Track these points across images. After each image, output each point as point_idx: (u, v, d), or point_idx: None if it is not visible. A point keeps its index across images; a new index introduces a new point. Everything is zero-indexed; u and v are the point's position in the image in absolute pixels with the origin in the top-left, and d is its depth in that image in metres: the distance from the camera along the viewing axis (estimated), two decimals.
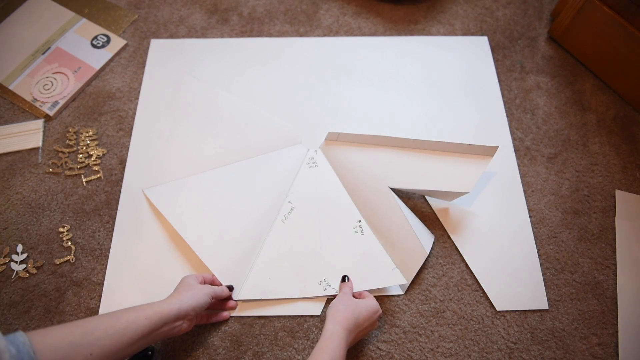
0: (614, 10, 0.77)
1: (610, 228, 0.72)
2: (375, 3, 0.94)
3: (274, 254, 0.68)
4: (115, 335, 0.49)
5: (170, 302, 0.55)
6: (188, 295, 0.57)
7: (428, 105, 0.82)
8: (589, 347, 0.63)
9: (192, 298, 0.57)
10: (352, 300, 0.60)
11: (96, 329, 0.48)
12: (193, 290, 0.58)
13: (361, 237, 0.69)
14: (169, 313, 0.54)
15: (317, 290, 0.66)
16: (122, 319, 0.51)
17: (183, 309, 0.55)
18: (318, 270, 0.67)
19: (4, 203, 0.73)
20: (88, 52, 0.86)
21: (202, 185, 0.73)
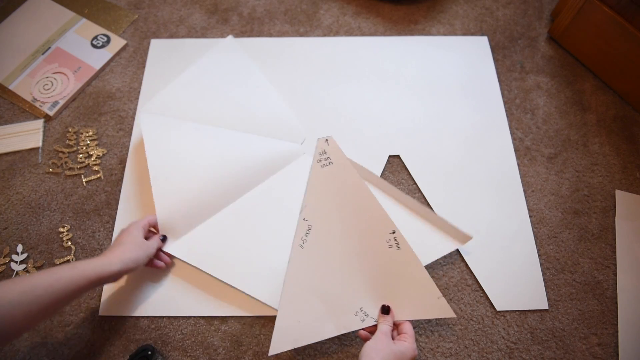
0: (614, 10, 0.77)
1: (610, 228, 0.72)
2: (375, 3, 0.94)
3: (298, 289, 0.58)
4: (55, 294, 0.50)
5: (113, 262, 0.55)
6: (132, 258, 0.57)
7: (428, 105, 0.82)
8: (589, 347, 0.63)
9: (135, 261, 0.58)
10: (391, 349, 0.53)
11: (36, 288, 0.49)
12: (139, 252, 0.59)
13: (397, 252, 0.59)
14: (110, 274, 0.55)
15: (355, 323, 0.58)
16: (63, 279, 0.51)
17: (123, 271, 0.56)
18: (352, 300, 0.58)
19: (4, 203, 0.73)
20: (88, 52, 0.86)
21: (198, 137, 0.71)
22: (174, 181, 0.68)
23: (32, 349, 0.62)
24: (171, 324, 0.64)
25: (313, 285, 0.58)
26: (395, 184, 0.75)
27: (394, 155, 0.77)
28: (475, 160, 0.77)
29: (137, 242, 0.60)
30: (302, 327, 0.57)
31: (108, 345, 0.63)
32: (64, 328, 0.64)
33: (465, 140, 0.79)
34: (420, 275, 0.59)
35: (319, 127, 0.80)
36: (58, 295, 0.50)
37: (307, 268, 0.58)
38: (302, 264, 0.58)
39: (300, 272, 0.58)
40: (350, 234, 0.59)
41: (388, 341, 0.55)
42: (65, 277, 0.51)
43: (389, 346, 0.54)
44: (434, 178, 0.75)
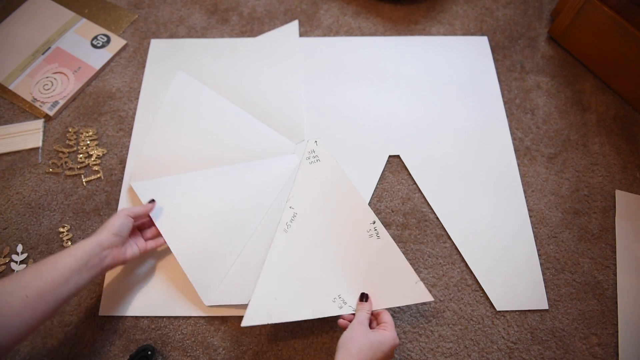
0: (614, 10, 0.77)
1: (610, 228, 0.72)
2: (375, 3, 0.94)
3: (278, 269, 0.61)
4: (45, 275, 0.51)
5: (90, 238, 0.57)
6: (105, 225, 0.59)
7: (428, 105, 0.82)
8: (589, 347, 0.63)
9: (109, 224, 0.59)
10: (367, 338, 0.53)
11: (24, 275, 0.51)
12: (109, 220, 0.60)
13: (377, 241, 0.61)
14: (90, 245, 0.56)
15: (332, 309, 0.59)
16: (48, 261, 0.53)
17: (102, 238, 0.57)
18: (331, 286, 0.60)
19: (4, 203, 0.73)
20: (88, 52, 0.86)
21: (192, 186, 0.70)
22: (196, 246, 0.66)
23: (32, 348, 0.62)
24: (171, 324, 0.64)
25: (293, 267, 0.61)
26: (395, 184, 0.75)
27: (394, 155, 0.77)
28: (475, 160, 0.77)
29: (112, 216, 0.61)
30: (278, 305, 0.59)
31: (108, 345, 0.63)
32: (64, 328, 0.64)
33: (465, 140, 0.79)
34: (398, 262, 0.60)
35: (319, 127, 0.80)
36: (50, 275, 0.51)
37: (289, 251, 0.62)
38: (284, 247, 0.62)
39: (281, 255, 0.61)
40: (332, 223, 0.63)
41: (365, 330, 0.54)
42: (49, 260, 0.53)
43: (365, 335, 0.53)
44: (434, 178, 0.75)
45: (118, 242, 0.59)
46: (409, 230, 0.71)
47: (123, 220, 0.60)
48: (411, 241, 0.70)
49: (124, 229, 0.60)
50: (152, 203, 0.66)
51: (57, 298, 0.51)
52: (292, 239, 0.63)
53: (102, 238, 0.57)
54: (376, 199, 0.74)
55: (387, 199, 0.74)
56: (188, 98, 0.81)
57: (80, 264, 0.54)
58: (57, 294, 0.51)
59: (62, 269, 0.53)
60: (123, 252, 0.60)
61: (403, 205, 0.73)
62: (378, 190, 0.75)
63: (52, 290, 0.51)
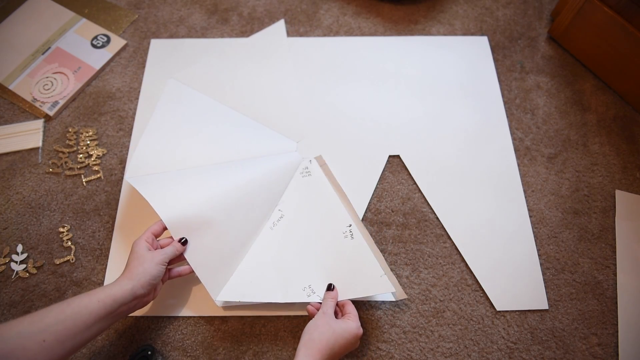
0: (614, 10, 0.77)
1: (610, 228, 0.72)
2: (375, 3, 0.94)
3: (259, 258, 0.66)
4: (68, 321, 0.48)
5: (122, 282, 0.54)
6: (139, 271, 0.55)
7: (428, 105, 0.82)
8: (589, 347, 0.63)
9: (144, 273, 0.55)
10: (330, 325, 0.56)
11: (45, 317, 0.48)
12: (144, 264, 0.56)
13: (350, 242, 0.67)
14: (123, 295, 0.53)
15: (301, 296, 0.63)
16: (73, 304, 0.50)
17: (137, 288, 0.54)
18: (303, 276, 0.65)
19: (4, 203, 0.73)
20: (88, 52, 0.86)
21: (195, 181, 0.69)
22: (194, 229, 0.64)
23: None
24: (171, 324, 0.64)
25: (272, 258, 0.67)
26: (395, 184, 0.75)
27: (394, 155, 0.77)
28: (475, 160, 0.77)
29: (141, 255, 0.57)
30: (252, 286, 0.64)
31: (108, 345, 0.63)
32: None
33: (465, 140, 0.79)
34: (366, 258, 0.65)
35: (319, 127, 0.80)
36: (73, 321, 0.49)
37: (271, 245, 0.68)
38: (269, 242, 0.68)
39: (265, 247, 0.67)
40: (313, 226, 0.69)
41: (328, 319, 0.57)
42: (75, 302, 0.50)
43: (328, 324, 0.56)
44: (434, 178, 0.75)
45: (152, 290, 0.57)
46: (409, 230, 0.71)
47: (161, 268, 0.57)
48: (411, 241, 0.70)
49: (160, 276, 0.57)
50: (185, 244, 0.62)
51: (75, 344, 0.49)
52: (276, 236, 0.68)
53: (137, 287, 0.54)
54: (376, 199, 0.74)
55: (387, 199, 0.74)
56: (182, 103, 0.80)
57: (107, 312, 0.51)
58: (77, 339, 0.49)
59: (88, 315, 0.50)
60: (153, 295, 0.58)
61: (403, 205, 0.73)
62: (378, 190, 0.75)
63: (72, 337, 0.49)
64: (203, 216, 0.64)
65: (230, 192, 0.67)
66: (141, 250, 0.58)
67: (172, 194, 0.65)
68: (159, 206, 0.62)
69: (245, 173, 0.70)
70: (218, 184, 0.68)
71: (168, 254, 0.59)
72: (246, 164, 0.72)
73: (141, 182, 0.67)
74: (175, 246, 0.60)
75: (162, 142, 0.75)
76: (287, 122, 0.80)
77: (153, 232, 0.61)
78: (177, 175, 0.70)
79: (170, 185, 0.67)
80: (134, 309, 0.56)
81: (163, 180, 0.69)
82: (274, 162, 0.73)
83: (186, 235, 0.62)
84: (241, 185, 0.68)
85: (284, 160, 0.74)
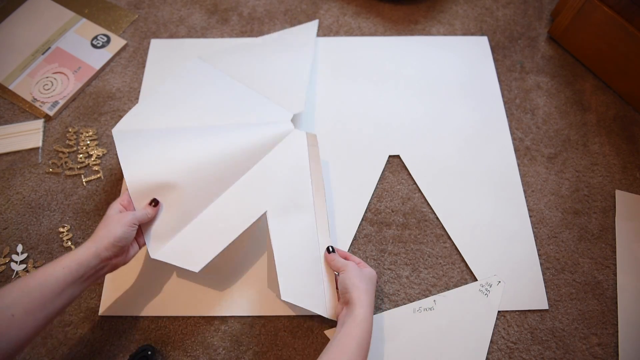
0: (614, 10, 0.77)
1: (610, 228, 0.72)
2: (375, 3, 0.94)
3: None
4: (34, 292, 0.48)
5: (86, 245, 0.53)
6: (103, 233, 0.54)
7: (428, 105, 0.82)
8: (589, 347, 0.63)
9: (108, 235, 0.54)
10: (366, 277, 0.57)
11: (11, 292, 0.47)
12: (109, 226, 0.55)
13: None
14: (87, 258, 0.51)
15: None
16: (38, 275, 0.49)
17: (100, 249, 0.53)
18: None
19: (4, 203, 0.73)
20: (88, 52, 0.86)
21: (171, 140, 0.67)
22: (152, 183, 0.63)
23: (32, 348, 0.62)
24: (171, 324, 0.64)
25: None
26: (395, 184, 0.75)
27: (394, 155, 0.77)
28: (475, 160, 0.77)
29: (108, 216, 0.56)
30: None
31: (108, 345, 0.63)
32: (64, 328, 0.64)
33: (465, 140, 0.79)
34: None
35: (319, 127, 0.80)
36: (40, 292, 0.48)
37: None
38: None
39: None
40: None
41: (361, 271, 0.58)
42: (40, 273, 0.50)
43: (365, 276, 0.58)
44: (434, 178, 0.75)
45: (118, 252, 0.55)
46: (409, 230, 0.71)
47: (126, 229, 0.55)
48: (411, 241, 0.70)
49: (127, 238, 0.56)
50: (157, 206, 0.61)
51: (48, 313, 0.48)
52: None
53: (101, 249, 0.53)
54: (376, 199, 0.74)
55: (387, 199, 0.74)
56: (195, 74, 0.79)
57: (74, 277, 0.50)
58: (48, 309, 0.48)
59: (54, 283, 0.49)
60: (123, 258, 0.57)
61: (403, 205, 0.73)
62: (378, 190, 0.75)
63: (42, 307, 0.48)
64: (170, 181, 0.62)
65: (208, 157, 0.65)
66: (110, 212, 0.57)
67: (147, 154, 0.64)
68: (128, 166, 0.62)
69: (229, 139, 0.67)
70: (198, 147, 0.66)
71: (137, 216, 0.58)
72: (234, 129, 0.70)
73: (122, 138, 0.66)
74: (146, 209, 0.60)
75: (160, 103, 0.73)
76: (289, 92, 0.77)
77: (127, 198, 0.60)
78: (159, 135, 0.68)
79: (147, 145, 0.65)
80: (105, 272, 0.55)
81: (143, 139, 0.67)
82: (262, 131, 0.69)
83: (147, 198, 0.61)
84: (221, 151, 0.66)
85: (272, 131, 0.70)
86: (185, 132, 0.69)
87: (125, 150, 0.64)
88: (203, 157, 0.65)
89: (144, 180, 0.62)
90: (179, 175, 0.63)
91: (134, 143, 0.66)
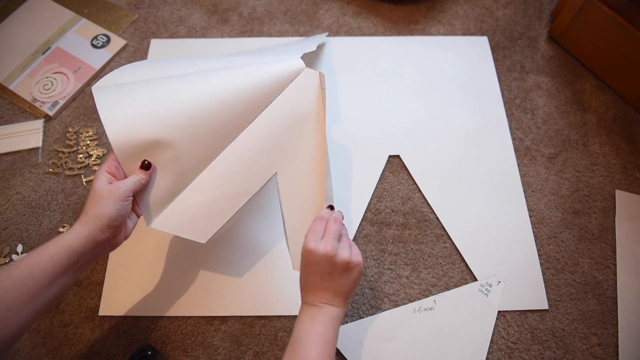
0: (614, 10, 0.77)
1: (610, 228, 0.72)
2: (375, 3, 0.94)
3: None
4: (17, 287, 0.42)
5: (77, 229, 0.46)
6: (95, 213, 0.46)
7: (428, 105, 0.82)
8: (589, 347, 0.63)
9: (101, 215, 0.46)
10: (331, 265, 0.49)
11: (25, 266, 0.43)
12: (100, 204, 0.47)
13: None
14: (81, 243, 0.45)
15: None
16: (21, 266, 0.43)
17: (95, 233, 0.46)
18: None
19: (4, 203, 0.73)
20: (88, 52, 0.86)
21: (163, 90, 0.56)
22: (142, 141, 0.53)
23: (32, 348, 0.62)
24: (171, 324, 0.64)
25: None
26: (395, 184, 0.75)
27: (394, 155, 0.77)
28: (475, 160, 0.77)
29: (97, 192, 0.48)
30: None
31: (108, 345, 0.63)
32: (64, 328, 0.64)
33: (465, 140, 0.79)
34: None
35: None
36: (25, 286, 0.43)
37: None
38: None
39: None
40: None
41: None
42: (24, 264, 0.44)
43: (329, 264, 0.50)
44: (434, 178, 0.75)
45: (116, 231, 0.49)
46: (409, 230, 0.71)
47: (120, 205, 0.48)
48: (411, 241, 0.70)
49: (123, 215, 0.48)
50: (150, 168, 0.52)
51: (38, 307, 0.43)
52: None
53: (95, 232, 0.46)
54: (376, 199, 0.74)
55: (387, 199, 0.74)
56: None
57: (66, 266, 0.45)
58: (36, 303, 0.43)
59: (41, 276, 0.43)
60: (123, 234, 0.50)
61: (403, 205, 0.73)
62: (378, 190, 0.75)
63: (29, 301, 0.43)
64: (162, 137, 0.53)
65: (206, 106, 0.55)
66: (98, 185, 0.48)
67: (133, 107, 0.54)
68: (111, 123, 0.52)
69: (229, 82, 0.57)
70: (193, 94, 0.56)
71: (129, 186, 0.49)
72: (234, 70, 0.59)
73: (103, 93, 0.55)
74: (137, 174, 0.51)
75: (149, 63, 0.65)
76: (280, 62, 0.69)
77: (112, 162, 0.51)
78: (147, 85, 0.57)
79: (134, 97, 0.55)
80: (103, 253, 0.49)
81: (129, 91, 0.56)
82: (267, 70, 0.59)
83: (137, 160, 0.52)
84: (220, 98, 0.56)
85: (279, 70, 0.59)
86: (177, 79, 0.58)
87: (106, 105, 0.54)
88: (200, 106, 0.55)
89: (132, 139, 0.52)
90: (173, 130, 0.53)
91: (117, 96, 0.55)
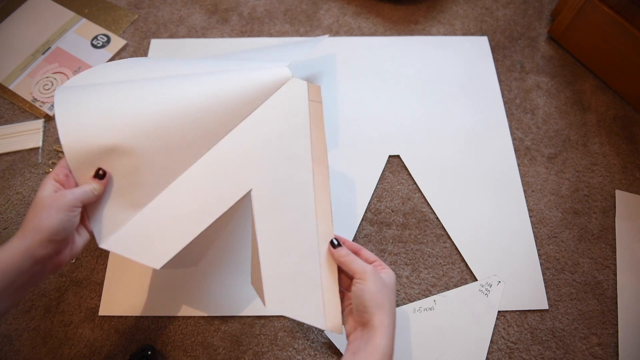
0: (614, 10, 0.77)
1: (610, 228, 0.72)
2: (375, 3, 0.94)
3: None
4: None
5: (13, 244, 0.39)
6: (35, 225, 0.39)
7: (428, 105, 0.82)
8: (589, 347, 0.63)
9: (40, 227, 0.39)
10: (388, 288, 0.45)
11: None
12: (41, 214, 0.40)
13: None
14: (17, 261, 0.38)
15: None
16: None
17: (33, 248, 0.39)
18: None
19: (4, 203, 0.73)
20: (88, 52, 0.86)
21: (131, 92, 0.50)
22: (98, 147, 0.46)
23: (32, 348, 0.62)
24: (171, 324, 0.64)
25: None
26: (395, 184, 0.75)
27: (394, 155, 0.77)
28: (475, 160, 0.77)
29: (39, 200, 0.41)
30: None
31: (108, 345, 0.63)
32: (64, 328, 0.64)
33: (465, 140, 0.79)
34: None
35: None
36: None
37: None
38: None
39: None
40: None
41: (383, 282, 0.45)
42: None
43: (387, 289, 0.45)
44: (434, 178, 0.75)
45: (59, 247, 0.42)
46: (409, 230, 0.71)
47: (64, 216, 0.41)
48: (411, 241, 0.70)
49: (67, 229, 0.41)
50: (105, 177, 0.45)
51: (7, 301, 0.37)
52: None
53: (34, 247, 0.39)
54: (376, 199, 0.74)
55: (387, 199, 0.74)
56: None
57: (4, 286, 0.38)
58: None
59: None
60: (68, 252, 0.43)
61: (403, 205, 0.73)
62: (378, 190, 0.75)
63: None
64: (122, 143, 0.47)
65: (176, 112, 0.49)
66: (42, 194, 0.41)
67: (92, 109, 0.48)
68: (66, 125, 0.46)
69: (204, 88, 0.51)
70: (162, 98, 0.49)
71: (77, 196, 0.42)
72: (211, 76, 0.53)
73: (64, 94, 0.49)
74: (90, 184, 0.44)
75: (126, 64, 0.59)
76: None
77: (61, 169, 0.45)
78: (112, 86, 0.51)
79: (94, 98, 0.49)
80: (47, 274, 0.42)
81: (90, 92, 0.50)
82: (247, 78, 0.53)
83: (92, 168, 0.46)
84: (193, 105, 0.49)
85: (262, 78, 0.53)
86: (150, 82, 0.52)
87: (64, 106, 0.48)
88: (169, 113, 0.48)
89: (88, 144, 0.46)
90: (136, 137, 0.47)
91: (80, 97, 0.49)
